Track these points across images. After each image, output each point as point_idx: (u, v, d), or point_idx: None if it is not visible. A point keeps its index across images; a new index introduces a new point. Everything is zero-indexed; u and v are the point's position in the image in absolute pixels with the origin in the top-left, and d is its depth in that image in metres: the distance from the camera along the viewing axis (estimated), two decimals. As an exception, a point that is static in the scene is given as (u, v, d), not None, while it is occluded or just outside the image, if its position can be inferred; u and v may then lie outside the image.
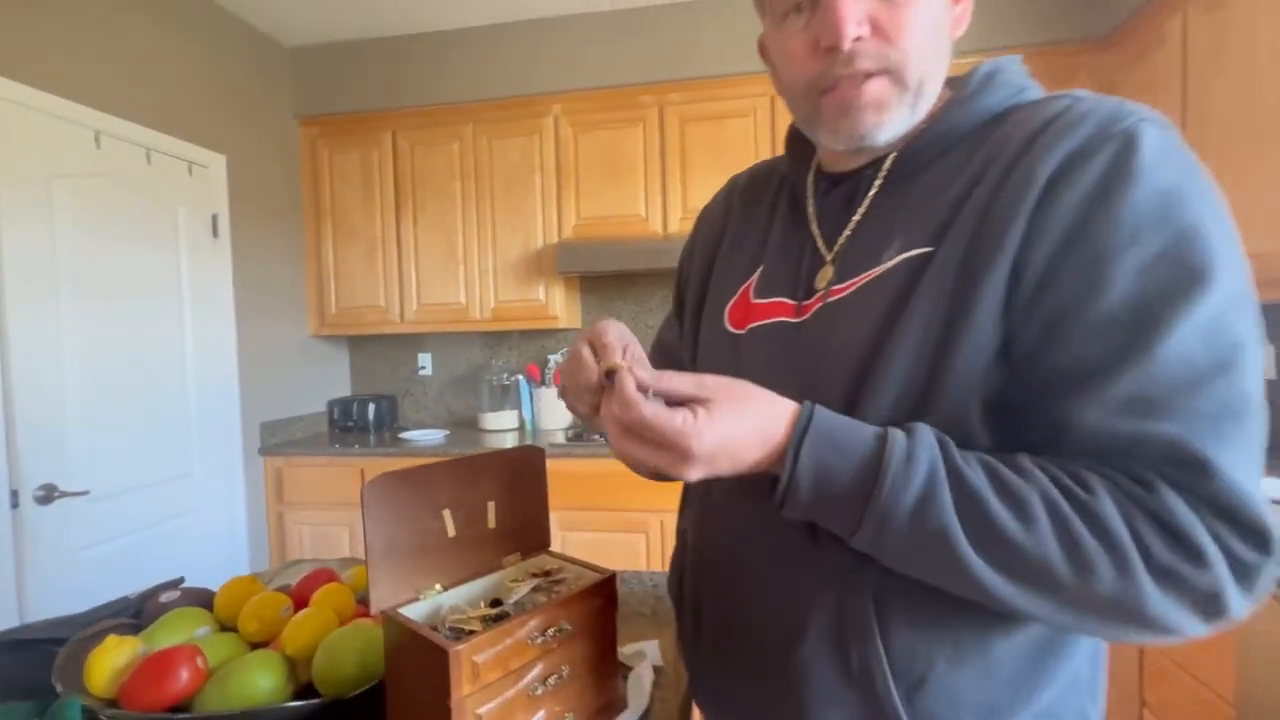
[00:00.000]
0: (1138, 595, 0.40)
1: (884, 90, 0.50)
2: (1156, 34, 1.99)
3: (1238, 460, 0.40)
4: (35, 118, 1.74)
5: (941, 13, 0.52)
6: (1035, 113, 0.49)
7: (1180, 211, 0.42)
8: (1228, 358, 0.40)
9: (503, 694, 0.57)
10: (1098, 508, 0.40)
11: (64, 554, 1.78)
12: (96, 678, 0.64)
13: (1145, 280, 0.41)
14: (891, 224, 0.53)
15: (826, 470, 0.44)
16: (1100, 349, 0.42)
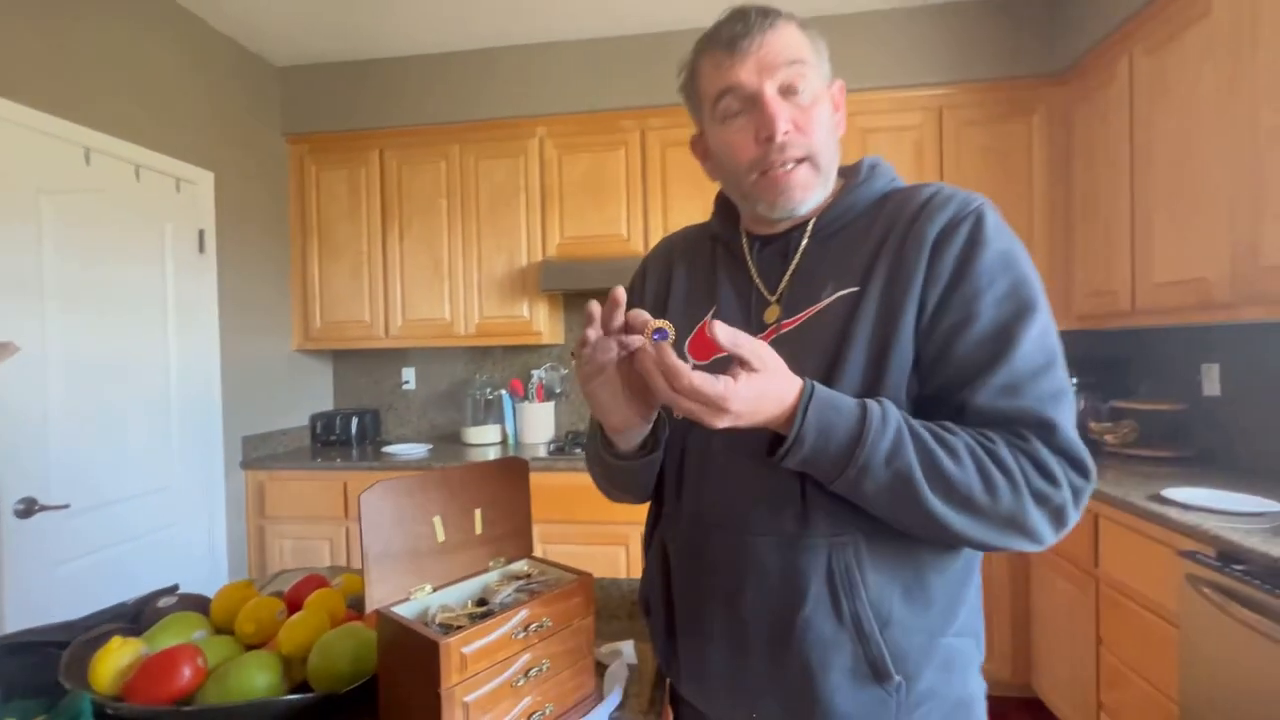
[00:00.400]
0: (1023, 509, 0.60)
1: (807, 174, 0.70)
2: (1107, 72, 2.13)
3: (1068, 421, 0.62)
4: (24, 134, 1.77)
5: (829, 120, 0.71)
6: (913, 195, 0.71)
7: (1013, 265, 0.64)
8: (1052, 358, 0.63)
9: (488, 684, 0.62)
10: (999, 451, 0.60)
11: (43, 568, 1.78)
12: (101, 676, 0.68)
13: (1000, 310, 0.63)
14: (822, 272, 0.71)
15: (825, 428, 0.59)
16: (982, 354, 0.62)
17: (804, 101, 0.68)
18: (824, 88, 0.70)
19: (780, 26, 0.68)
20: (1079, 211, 2.33)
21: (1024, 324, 0.62)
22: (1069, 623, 1.93)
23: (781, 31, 0.68)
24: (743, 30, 0.67)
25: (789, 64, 0.67)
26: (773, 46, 0.67)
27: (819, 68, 0.70)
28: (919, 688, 0.65)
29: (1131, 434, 2.16)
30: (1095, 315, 2.25)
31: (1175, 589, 1.44)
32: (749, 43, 0.67)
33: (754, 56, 0.67)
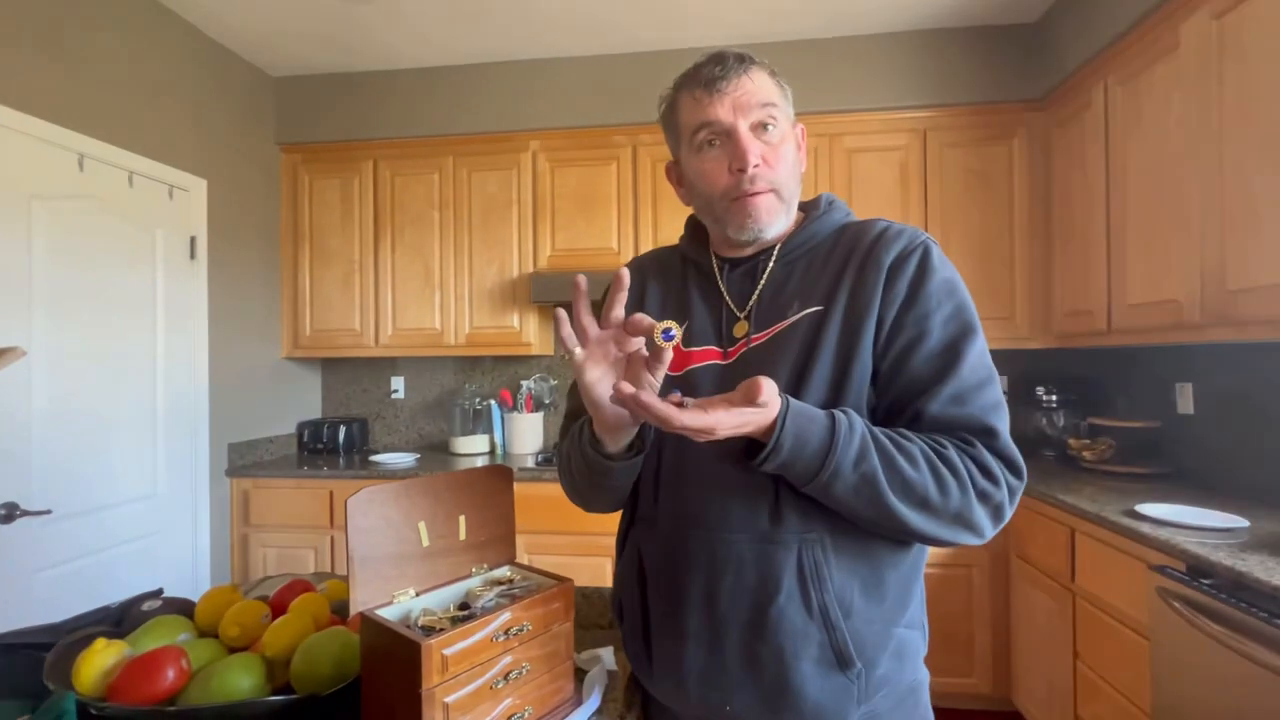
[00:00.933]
0: (969, 507, 0.67)
1: (773, 202, 0.77)
2: (1084, 99, 2.20)
3: (1006, 429, 0.70)
4: (19, 140, 1.78)
5: (795, 157, 0.80)
6: (868, 228, 0.79)
7: (955, 291, 0.74)
8: (990, 375, 0.71)
9: (468, 686, 0.64)
10: (949, 455, 0.67)
11: (23, 574, 1.76)
12: (85, 677, 0.69)
13: (947, 329, 0.72)
14: (788, 292, 0.78)
15: (800, 436, 0.64)
16: (933, 368, 0.70)
17: (773, 140, 0.76)
18: (789, 129, 0.78)
19: (754, 72, 0.76)
20: (1058, 233, 2.39)
21: (967, 343, 0.71)
22: (1047, 636, 1.95)
23: (755, 76, 0.76)
24: (721, 73, 0.75)
25: (761, 106, 0.75)
26: (747, 89, 0.75)
27: (786, 111, 0.78)
28: (876, 674, 0.72)
29: (1109, 450, 2.20)
30: (1074, 334, 2.31)
31: (1147, 602, 1.47)
32: (726, 84, 0.75)
33: (730, 97, 0.75)
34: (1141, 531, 1.50)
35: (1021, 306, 2.48)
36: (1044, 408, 2.55)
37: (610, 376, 0.68)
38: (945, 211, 2.51)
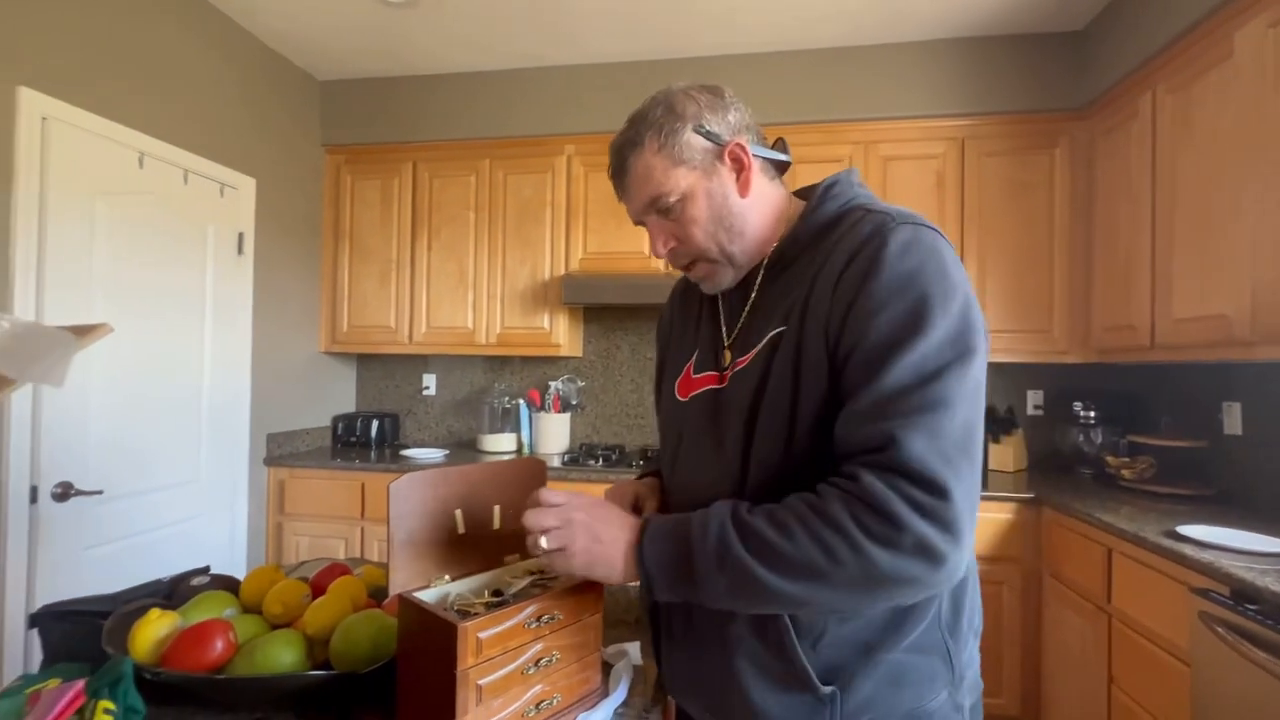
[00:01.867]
0: (872, 562, 0.57)
1: (703, 268, 0.78)
2: (1130, 108, 2.15)
3: (920, 439, 0.58)
4: (86, 139, 1.88)
5: (721, 201, 0.74)
6: (845, 221, 0.72)
7: (912, 285, 0.63)
8: (929, 377, 0.60)
9: (500, 670, 0.66)
10: (827, 508, 0.59)
11: (74, 550, 1.85)
12: (140, 644, 0.73)
13: (885, 332, 0.62)
14: (767, 311, 0.75)
15: (658, 556, 0.65)
16: (856, 379, 0.63)
17: (674, 215, 0.75)
18: (694, 180, 0.73)
19: (630, 168, 0.75)
20: (1099, 245, 2.34)
21: (905, 346, 0.60)
22: (1080, 658, 1.90)
23: (635, 169, 0.74)
24: (615, 185, 0.78)
25: (649, 199, 0.75)
26: (631, 189, 0.76)
27: (683, 168, 0.73)
28: (856, 699, 0.67)
29: (1149, 470, 2.14)
30: (1114, 349, 2.24)
31: (1188, 627, 1.42)
32: (620, 190, 0.78)
33: (626, 198, 0.78)
34: (1183, 553, 1.45)
35: (1060, 320, 2.43)
36: (1081, 424, 2.48)
37: None
38: (982, 221, 2.47)
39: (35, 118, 1.74)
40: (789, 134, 2.59)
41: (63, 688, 0.61)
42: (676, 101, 0.74)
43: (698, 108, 0.73)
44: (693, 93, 0.75)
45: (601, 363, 3.00)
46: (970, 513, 0.58)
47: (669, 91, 0.75)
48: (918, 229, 0.66)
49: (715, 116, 0.74)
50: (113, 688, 0.61)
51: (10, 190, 1.69)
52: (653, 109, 0.74)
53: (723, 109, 0.75)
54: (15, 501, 1.70)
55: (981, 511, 2.17)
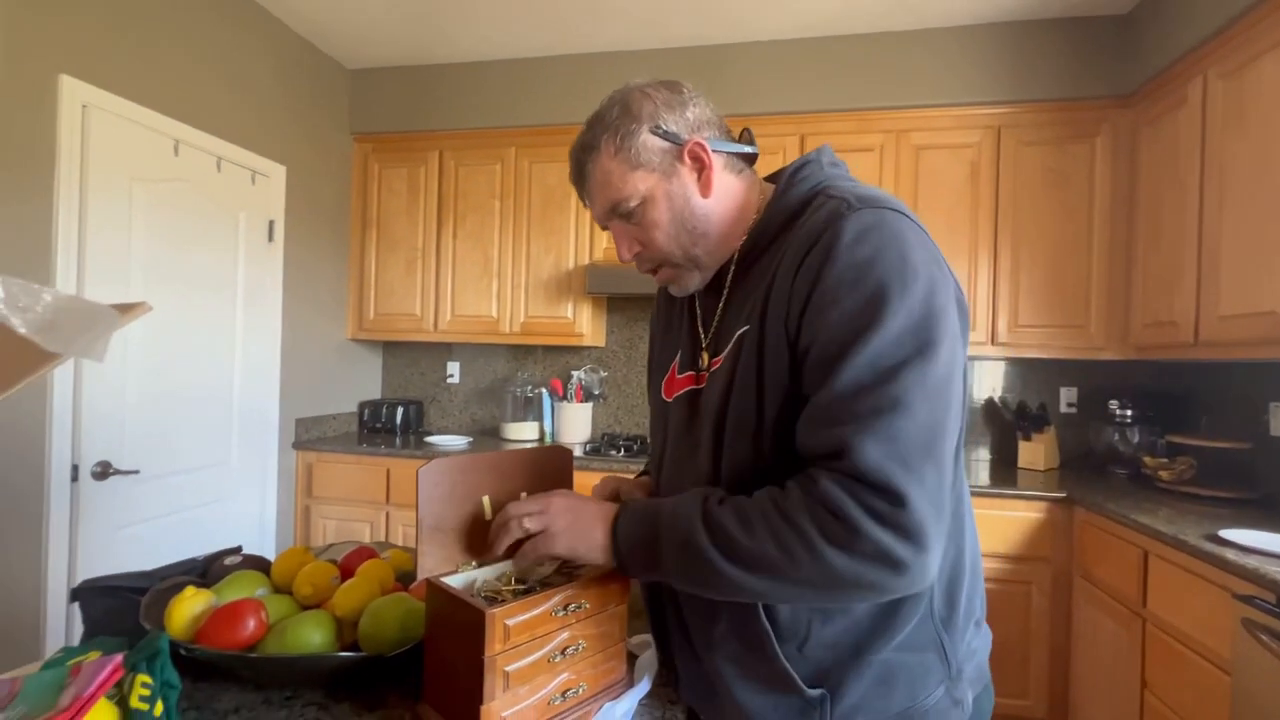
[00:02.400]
0: (829, 565, 0.56)
1: (669, 273, 0.76)
2: (1178, 95, 2.06)
3: (874, 444, 0.55)
4: (124, 126, 1.91)
5: (682, 204, 0.72)
6: (814, 211, 0.67)
7: (867, 275, 0.59)
8: (885, 376, 0.57)
9: (527, 657, 0.65)
10: (789, 508, 0.58)
11: (113, 528, 1.91)
12: (176, 621, 0.74)
13: (839, 328, 0.59)
14: (738, 309, 0.72)
15: (629, 536, 0.66)
16: (814, 379, 0.61)
17: (636, 219, 0.72)
18: (653, 184, 0.71)
19: (589, 174, 0.73)
20: (1141, 238, 2.25)
21: (858, 343, 0.58)
22: (1112, 663, 1.85)
23: (591, 178, 0.73)
24: (577, 190, 0.76)
25: (610, 205, 0.73)
26: (591, 195, 0.74)
27: (640, 171, 0.70)
28: (846, 702, 0.66)
29: (1188, 471, 2.07)
30: (1154, 346, 2.17)
31: (1230, 634, 1.38)
32: (582, 195, 0.76)
33: (589, 203, 0.76)
34: (1226, 558, 1.40)
35: (1097, 315, 2.35)
36: (1117, 423, 2.41)
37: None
38: (1017, 212, 2.40)
39: (76, 105, 1.77)
40: (818, 123, 2.54)
41: (102, 661, 0.62)
42: (632, 101, 0.71)
43: (654, 106, 0.71)
44: (649, 90, 0.72)
45: (624, 353, 2.99)
46: (936, 517, 0.56)
47: (625, 91, 0.73)
48: (878, 212, 0.62)
49: (673, 115, 0.71)
50: (150, 662, 0.62)
51: (53, 176, 1.73)
52: (608, 110, 0.71)
53: (680, 106, 0.72)
54: (58, 479, 1.76)
55: (1010, 510, 2.12)
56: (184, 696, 0.72)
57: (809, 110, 2.54)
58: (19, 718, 0.58)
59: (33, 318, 0.37)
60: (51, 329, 0.38)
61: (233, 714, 0.70)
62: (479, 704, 0.62)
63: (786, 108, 2.56)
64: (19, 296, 0.37)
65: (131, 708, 0.60)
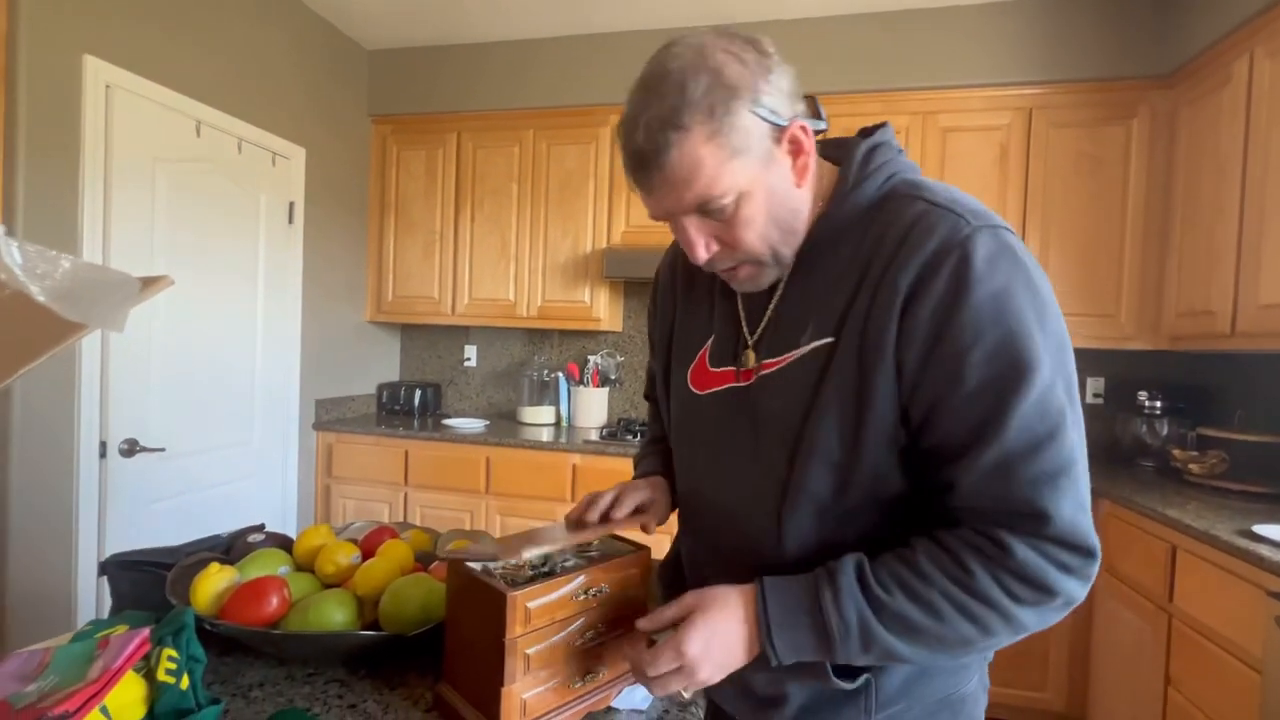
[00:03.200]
0: (1022, 625, 0.57)
1: (748, 270, 0.66)
2: (1222, 74, 1.98)
3: (1068, 504, 0.55)
4: (147, 106, 1.92)
5: (779, 198, 0.62)
6: (900, 214, 0.61)
7: (1005, 312, 0.55)
8: (1054, 424, 0.55)
9: (547, 640, 0.65)
10: (975, 582, 0.56)
11: (140, 504, 1.95)
12: (201, 596, 0.75)
13: (988, 370, 0.55)
14: (802, 310, 0.66)
15: (797, 646, 0.60)
16: (969, 428, 0.56)
17: (725, 215, 0.60)
18: (753, 175, 0.59)
19: (671, 161, 0.57)
20: (1178, 225, 2.18)
21: (1018, 388, 0.54)
22: (1135, 658, 1.82)
23: (676, 166, 0.57)
24: (638, 174, 0.60)
25: (698, 200, 0.59)
26: (671, 185, 0.58)
27: (739, 160, 0.58)
28: (890, 688, 0.65)
29: (1220, 465, 2.01)
30: (1187, 336, 2.11)
31: (1262, 632, 1.34)
32: (647, 181, 0.60)
33: (656, 195, 0.60)
34: (1260, 554, 1.36)
35: (1128, 303, 2.29)
36: (1145, 414, 2.35)
37: None
38: (1047, 197, 2.33)
39: (100, 85, 1.78)
40: (843, 103, 2.48)
41: (129, 634, 0.63)
42: (724, 67, 0.56)
43: (750, 75, 0.57)
44: (736, 51, 0.57)
45: (641, 337, 2.97)
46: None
47: (701, 48, 0.57)
48: (997, 233, 0.58)
49: (769, 86, 0.58)
50: (175, 636, 0.63)
51: (79, 155, 1.74)
52: (691, 77, 0.56)
53: (775, 73, 0.59)
54: (86, 456, 1.79)
55: (1033, 502, 2.08)
56: (209, 670, 0.73)
57: (834, 91, 2.47)
58: (50, 688, 0.59)
59: (51, 285, 0.37)
60: (70, 297, 0.38)
61: (256, 688, 0.71)
62: (500, 685, 0.61)
63: (811, 88, 2.47)
64: (37, 263, 0.37)
65: (158, 680, 0.61)
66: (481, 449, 2.53)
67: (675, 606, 0.62)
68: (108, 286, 0.42)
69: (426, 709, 0.69)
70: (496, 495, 2.52)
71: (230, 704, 0.68)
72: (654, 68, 0.58)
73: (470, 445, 2.55)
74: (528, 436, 2.56)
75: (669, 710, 0.71)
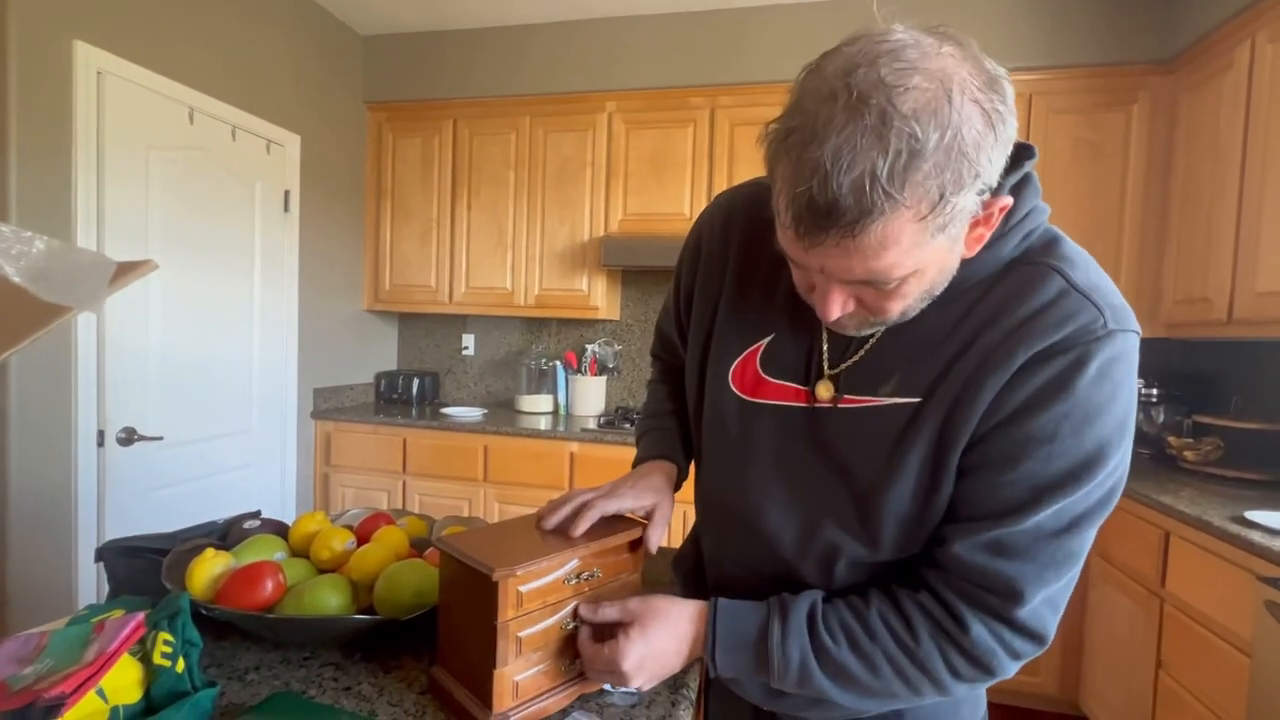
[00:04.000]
0: (949, 693, 0.60)
1: (869, 324, 0.57)
2: (1224, 59, 1.96)
3: (1044, 595, 0.56)
4: (139, 93, 1.91)
5: (946, 272, 0.53)
6: (1034, 288, 0.55)
7: (1093, 423, 0.53)
8: (1070, 527, 0.55)
9: (540, 623, 0.65)
10: (921, 654, 0.58)
11: (139, 493, 1.96)
12: (196, 581, 0.75)
13: (1043, 469, 0.54)
14: (892, 361, 0.60)
15: (736, 666, 0.63)
16: (990, 506, 0.56)
17: (888, 287, 0.51)
18: (938, 253, 0.49)
19: (869, 230, 0.45)
20: (1177, 212, 2.17)
21: (1057, 495, 0.53)
22: (1127, 642, 1.84)
23: (869, 237, 0.45)
24: (811, 223, 0.46)
25: (872, 275, 0.49)
26: (847, 252, 0.47)
27: (937, 240, 0.47)
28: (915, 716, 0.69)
29: (1215, 452, 2.02)
30: (1184, 324, 2.11)
31: (1252, 616, 1.35)
32: (819, 235, 0.47)
33: (819, 251, 0.48)
34: (1251, 540, 1.37)
35: (1126, 291, 2.27)
36: (1141, 402, 2.35)
37: None
38: (1046, 183, 2.26)
39: (91, 71, 1.77)
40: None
41: (125, 618, 0.63)
42: (969, 124, 0.43)
43: (990, 138, 0.45)
44: (980, 100, 0.44)
45: (639, 326, 2.97)
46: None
47: (949, 86, 0.43)
48: (1126, 338, 0.53)
49: (999, 150, 0.46)
50: (171, 621, 0.64)
51: (71, 143, 1.73)
52: (930, 128, 0.42)
53: (1006, 131, 0.46)
54: (85, 444, 1.80)
55: (1029, 489, 2.09)
56: (205, 654, 0.73)
57: (832, 77, 2.45)
58: (47, 670, 0.59)
59: (26, 265, 0.37)
60: (46, 278, 0.38)
61: (252, 671, 0.72)
62: (492, 668, 0.62)
63: (794, 79, 2.48)
64: (11, 243, 0.37)
65: (154, 664, 0.61)
66: (479, 437, 2.54)
67: (618, 609, 0.65)
68: (84, 267, 0.42)
69: (421, 691, 0.69)
70: (494, 484, 2.53)
71: (226, 687, 0.68)
72: (874, 88, 0.43)
73: (468, 434, 2.55)
74: (525, 425, 2.56)
75: (661, 692, 0.71)
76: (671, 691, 0.72)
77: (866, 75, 0.44)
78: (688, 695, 0.72)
